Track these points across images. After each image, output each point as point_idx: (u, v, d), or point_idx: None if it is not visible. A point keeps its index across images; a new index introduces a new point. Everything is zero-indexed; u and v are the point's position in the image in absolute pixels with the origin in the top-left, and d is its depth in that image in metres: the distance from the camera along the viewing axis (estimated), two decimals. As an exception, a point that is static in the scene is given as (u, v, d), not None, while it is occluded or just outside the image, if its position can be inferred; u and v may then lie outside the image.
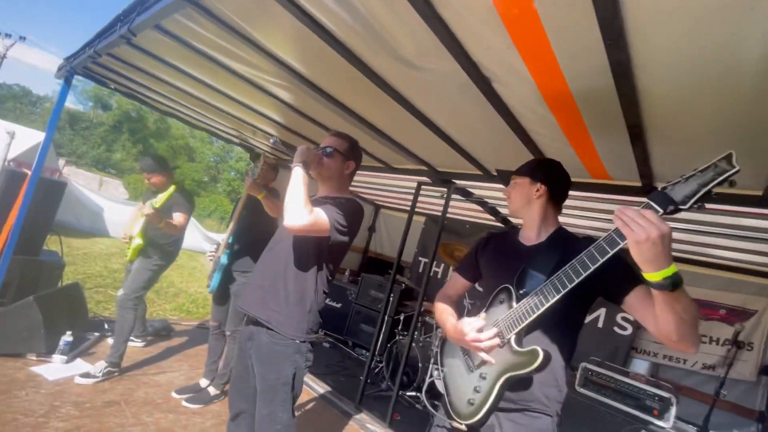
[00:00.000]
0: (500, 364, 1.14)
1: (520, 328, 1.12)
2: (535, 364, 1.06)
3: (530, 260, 1.22)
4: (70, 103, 33.96)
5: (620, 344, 3.82)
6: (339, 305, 5.18)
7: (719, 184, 0.83)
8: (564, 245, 1.21)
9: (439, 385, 1.32)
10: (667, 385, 2.42)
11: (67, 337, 2.63)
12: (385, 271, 5.56)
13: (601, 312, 3.96)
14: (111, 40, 1.96)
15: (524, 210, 1.34)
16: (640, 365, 3.57)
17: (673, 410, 2.10)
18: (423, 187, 3.44)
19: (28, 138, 7.86)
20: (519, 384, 1.13)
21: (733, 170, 0.81)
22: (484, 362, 1.17)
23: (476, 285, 1.52)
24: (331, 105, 2.20)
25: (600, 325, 3.95)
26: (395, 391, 3.07)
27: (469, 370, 1.23)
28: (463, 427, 1.16)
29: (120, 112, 30.95)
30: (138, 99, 3.61)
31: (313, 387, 3.39)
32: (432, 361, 1.28)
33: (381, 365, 4.21)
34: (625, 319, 3.83)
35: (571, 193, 1.44)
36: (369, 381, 3.77)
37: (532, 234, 1.32)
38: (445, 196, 3.33)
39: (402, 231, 3.27)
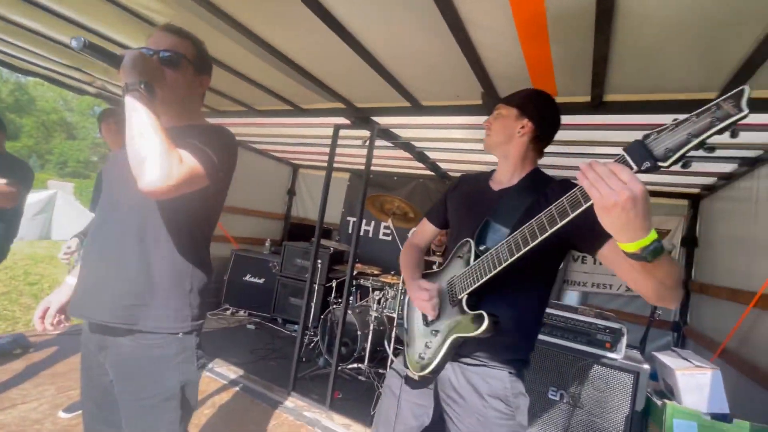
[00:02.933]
0: (449, 324, 1.09)
1: (471, 288, 1.04)
2: (479, 331, 0.99)
3: (495, 209, 1.12)
4: None
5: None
6: (262, 281, 4.60)
7: (717, 132, 0.63)
8: (535, 190, 1.10)
9: (402, 335, 1.30)
10: (613, 315, 2.35)
11: None
12: (311, 237, 5.03)
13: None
14: None
15: (502, 147, 1.18)
16: (571, 297, 3.64)
17: (624, 340, 2.00)
18: (343, 136, 2.94)
19: None
20: (472, 343, 1.07)
21: (740, 114, 0.60)
22: (436, 319, 1.14)
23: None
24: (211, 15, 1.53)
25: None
26: (334, 366, 2.67)
27: (425, 324, 1.18)
28: (416, 377, 1.13)
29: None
30: None
31: (236, 380, 2.85)
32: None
33: (316, 339, 3.80)
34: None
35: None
36: (304, 359, 3.36)
37: (504, 177, 1.20)
38: (367, 142, 2.89)
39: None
